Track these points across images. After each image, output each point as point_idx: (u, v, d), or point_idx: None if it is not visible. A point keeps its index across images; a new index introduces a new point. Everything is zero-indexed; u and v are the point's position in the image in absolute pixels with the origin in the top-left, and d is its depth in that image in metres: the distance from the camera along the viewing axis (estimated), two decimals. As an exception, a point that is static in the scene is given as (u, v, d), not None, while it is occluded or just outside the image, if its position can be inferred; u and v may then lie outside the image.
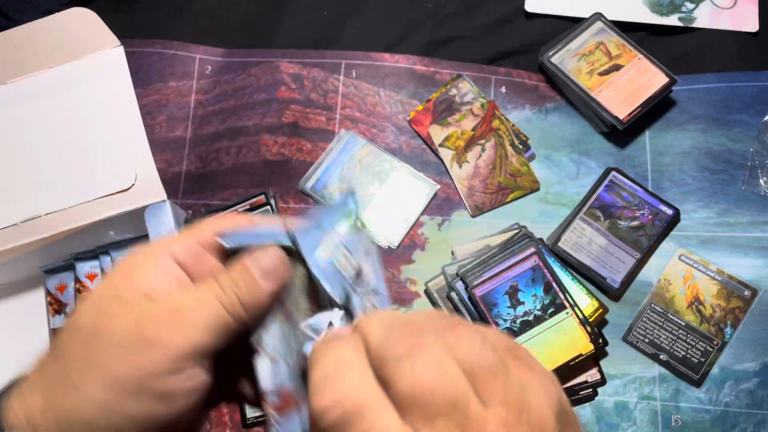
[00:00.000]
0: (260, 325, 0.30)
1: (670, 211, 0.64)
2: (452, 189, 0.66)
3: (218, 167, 0.68)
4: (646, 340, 0.61)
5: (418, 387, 0.22)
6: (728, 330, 0.61)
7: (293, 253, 0.31)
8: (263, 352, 0.30)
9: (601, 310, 0.60)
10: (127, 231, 0.62)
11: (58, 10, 0.63)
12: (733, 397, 0.59)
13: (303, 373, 0.29)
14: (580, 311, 0.58)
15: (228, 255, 0.31)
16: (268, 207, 0.64)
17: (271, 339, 0.30)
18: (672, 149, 0.67)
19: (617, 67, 0.67)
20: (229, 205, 0.65)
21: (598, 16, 0.68)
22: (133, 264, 0.30)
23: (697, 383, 0.60)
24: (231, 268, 0.30)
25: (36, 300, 0.64)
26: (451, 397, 0.22)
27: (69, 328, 0.28)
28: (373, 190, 0.66)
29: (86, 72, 0.62)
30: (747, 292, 0.62)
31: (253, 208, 0.64)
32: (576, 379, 0.59)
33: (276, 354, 0.30)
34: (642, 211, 0.64)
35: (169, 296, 0.29)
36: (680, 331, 0.61)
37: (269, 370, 0.30)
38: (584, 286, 0.60)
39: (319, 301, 0.31)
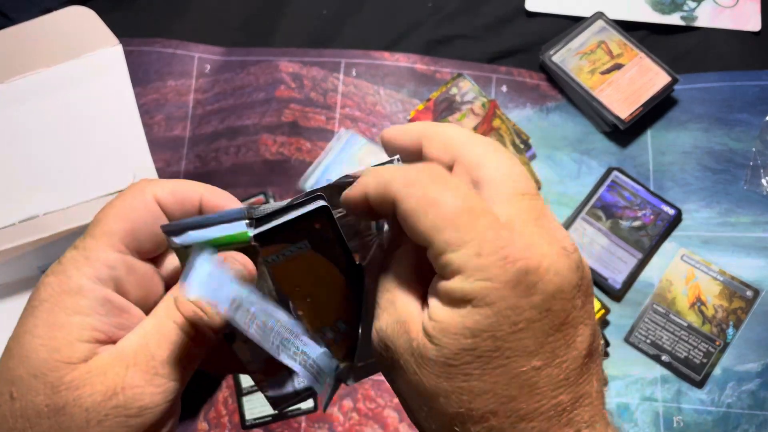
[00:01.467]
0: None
1: (672, 211, 0.63)
2: (453, 189, 0.66)
3: (217, 167, 0.67)
4: (648, 340, 0.61)
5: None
6: (730, 331, 0.61)
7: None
8: (238, 338, 0.28)
9: (602, 310, 0.59)
10: (126, 231, 0.61)
11: (57, 9, 0.63)
12: (735, 398, 0.59)
13: (281, 342, 0.27)
14: (582, 312, 0.58)
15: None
16: (268, 207, 0.64)
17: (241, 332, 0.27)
18: (674, 149, 0.66)
19: (618, 66, 0.66)
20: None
21: (599, 15, 0.68)
22: (59, 304, 0.25)
23: (699, 384, 0.60)
24: (179, 300, 0.26)
25: (34, 300, 0.64)
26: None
27: (27, 410, 0.24)
28: (373, 190, 0.66)
29: (85, 71, 0.62)
30: (749, 293, 0.61)
31: (252, 208, 0.64)
32: (577, 380, 0.59)
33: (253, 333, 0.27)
34: (644, 211, 0.63)
35: (129, 346, 0.25)
36: (682, 332, 0.61)
37: (247, 349, 0.29)
38: (585, 287, 0.60)
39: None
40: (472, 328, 0.23)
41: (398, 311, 0.25)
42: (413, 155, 0.29)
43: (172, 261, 0.29)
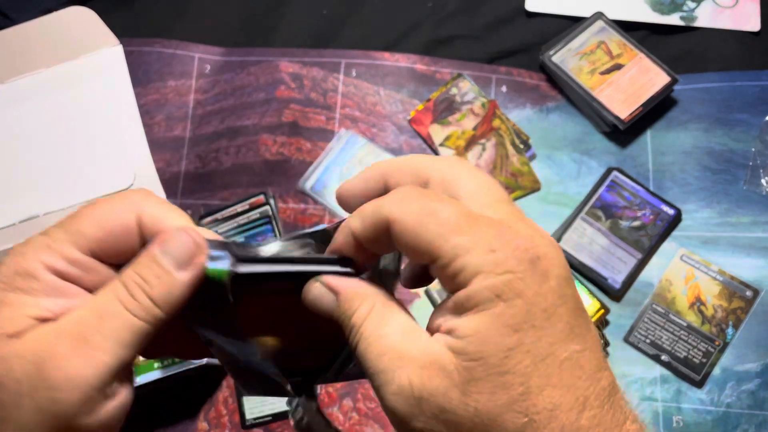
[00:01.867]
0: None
1: (671, 211, 0.64)
2: (452, 189, 0.66)
3: (217, 167, 0.67)
4: (648, 340, 0.61)
5: None
6: (730, 331, 0.61)
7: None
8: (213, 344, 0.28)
9: (602, 310, 0.60)
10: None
11: (57, 9, 0.63)
12: (734, 398, 0.59)
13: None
14: (581, 312, 0.58)
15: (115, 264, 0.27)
16: (268, 206, 0.64)
17: (210, 332, 0.27)
18: (673, 149, 0.66)
19: (618, 67, 0.66)
20: (228, 204, 0.64)
21: (599, 15, 0.68)
22: (9, 286, 0.25)
23: (699, 384, 0.60)
24: (136, 262, 0.26)
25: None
26: None
27: None
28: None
29: (85, 71, 0.62)
30: (749, 293, 0.61)
31: (252, 208, 0.64)
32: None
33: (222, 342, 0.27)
34: (643, 211, 0.64)
35: (67, 320, 0.25)
36: (682, 332, 0.61)
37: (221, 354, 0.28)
38: (585, 287, 0.60)
39: None
40: (512, 324, 0.23)
41: (415, 359, 0.24)
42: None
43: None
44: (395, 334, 0.25)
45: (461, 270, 0.23)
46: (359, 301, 0.26)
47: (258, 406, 0.60)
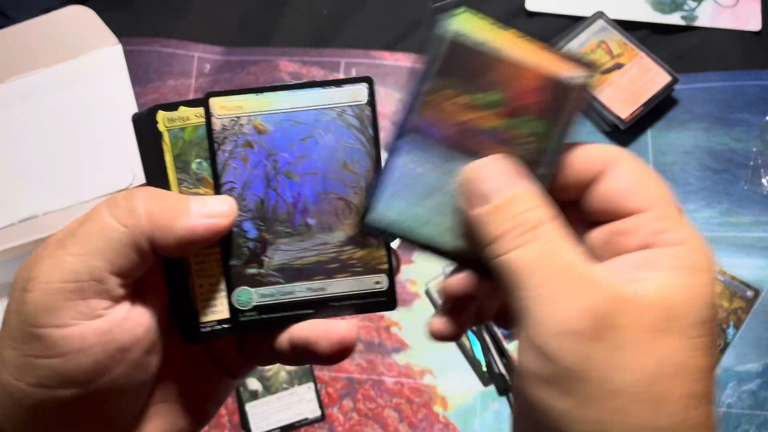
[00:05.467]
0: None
1: (672, 211, 0.63)
2: (453, 188, 0.66)
3: (217, 166, 0.67)
4: (648, 340, 0.61)
5: None
6: (731, 331, 0.61)
7: None
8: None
9: (602, 310, 0.59)
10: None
11: (56, 8, 0.63)
12: (735, 399, 0.59)
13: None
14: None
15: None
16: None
17: None
18: (674, 149, 0.66)
19: (619, 66, 0.66)
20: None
21: (599, 15, 0.68)
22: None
23: (699, 384, 0.60)
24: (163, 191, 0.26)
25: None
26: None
27: None
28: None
29: (84, 70, 0.62)
30: (749, 293, 0.61)
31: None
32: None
33: None
34: (644, 211, 0.63)
35: (63, 228, 0.25)
36: (682, 332, 0.61)
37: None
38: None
39: None
40: (710, 300, 0.23)
41: (610, 287, 0.22)
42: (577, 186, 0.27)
43: None
44: (579, 255, 0.24)
45: (670, 231, 0.25)
46: (539, 203, 0.24)
47: (264, 419, 0.59)
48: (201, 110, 0.27)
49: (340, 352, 0.26)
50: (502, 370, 0.59)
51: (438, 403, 0.60)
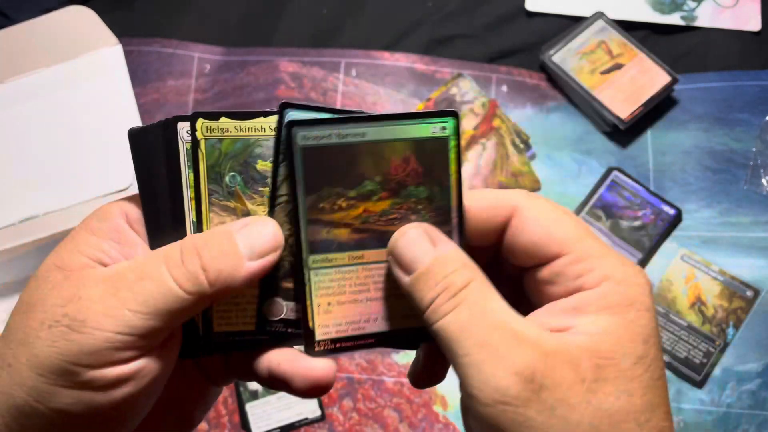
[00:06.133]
0: None
1: (672, 211, 0.63)
2: (453, 189, 0.66)
3: (217, 167, 0.67)
4: (648, 340, 0.61)
5: None
6: (730, 331, 0.61)
7: None
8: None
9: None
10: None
11: (56, 9, 0.63)
12: (735, 398, 0.59)
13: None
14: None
15: None
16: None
17: None
18: (674, 149, 0.66)
19: (619, 66, 0.66)
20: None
21: (599, 15, 0.68)
22: (85, 226, 0.26)
23: (699, 384, 0.60)
24: (207, 232, 0.25)
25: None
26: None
27: (17, 301, 0.25)
28: (373, 190, 0.66)
29: (85, 71, 0.62)
30: (749, 293, 0.61)
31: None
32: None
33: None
34: (644, 211, 0.63)
35: (111, 268, 0.24)
36: (682, 332, 0.61)
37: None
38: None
39: None
40: (643, 335, 0.23)
41: (537, 344, 0.22)
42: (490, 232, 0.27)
43: None
44: (505, 311, 0.24)
45: (591, 270, 0.24)
46: (460, 264, 0.24)
47: (264, 419, 0.59)
48: (242, 123, 0.26)
49: (313, 391, 0.26)
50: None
51: (438, 402, 0.60)
